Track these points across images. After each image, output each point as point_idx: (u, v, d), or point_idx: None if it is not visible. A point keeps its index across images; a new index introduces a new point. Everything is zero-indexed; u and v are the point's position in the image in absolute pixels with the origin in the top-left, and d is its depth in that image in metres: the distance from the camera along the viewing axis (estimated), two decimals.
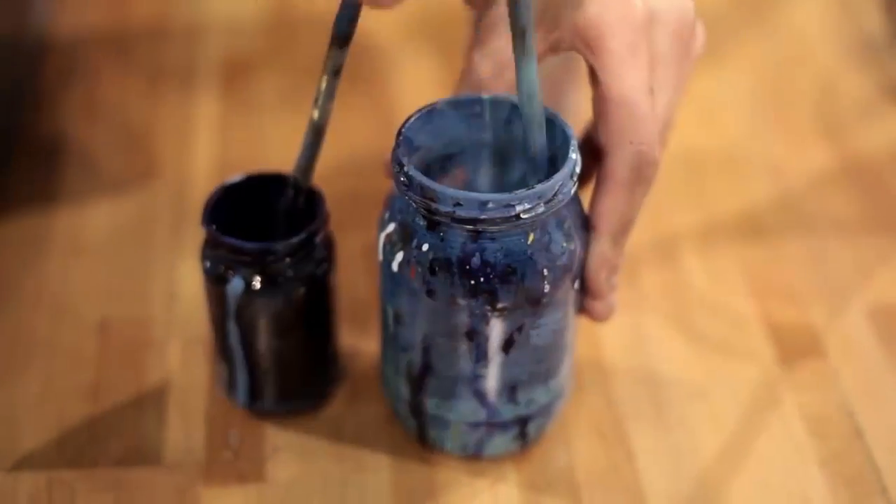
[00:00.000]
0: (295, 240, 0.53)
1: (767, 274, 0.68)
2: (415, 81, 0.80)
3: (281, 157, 0.72)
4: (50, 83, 0.79)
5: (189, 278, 0.66)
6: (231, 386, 0.58)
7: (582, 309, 0.55)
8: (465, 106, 0.53)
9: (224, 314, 0.55)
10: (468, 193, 0.48)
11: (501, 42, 0.52)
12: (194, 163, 0.74)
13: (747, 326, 0.65)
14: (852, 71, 0.81)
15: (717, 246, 0.69)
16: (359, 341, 0.62)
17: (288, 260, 0.54)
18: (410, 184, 0.49)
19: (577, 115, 0.72)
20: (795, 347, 0.64)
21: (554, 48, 0.52)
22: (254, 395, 0.58)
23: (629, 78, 0.50)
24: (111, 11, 0.85)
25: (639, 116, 0.50)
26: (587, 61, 0.52)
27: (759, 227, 0.70)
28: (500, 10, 0.52)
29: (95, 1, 0.86)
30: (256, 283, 0.54)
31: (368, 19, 0.80)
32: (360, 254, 0.67)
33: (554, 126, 0.52)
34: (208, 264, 0.55)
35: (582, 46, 0.51)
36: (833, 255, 0.69)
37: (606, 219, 0.52)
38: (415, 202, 0.50)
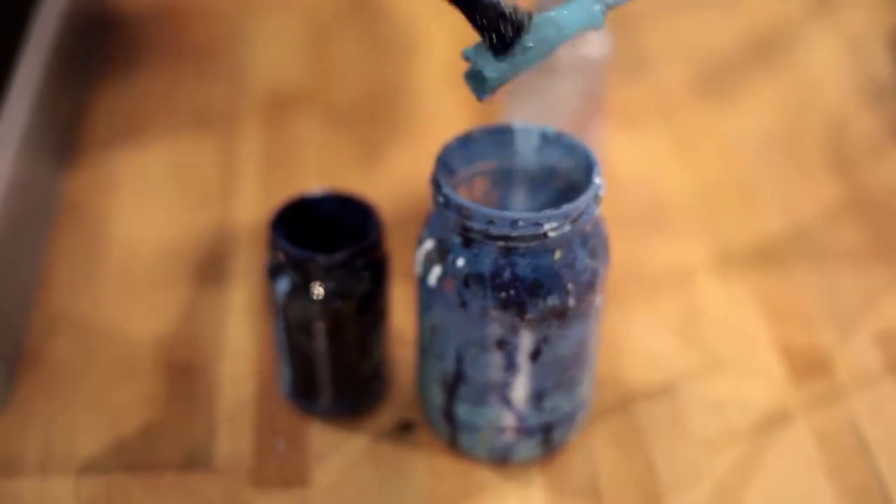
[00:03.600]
0: (338, 254, 0.58)
1: (780, 300, 0.72)
2: (448, 122, 0.84)
3: (316, 181, 0.77)
4: (102, 107, 0.84)
5: (236, 298, 0.71)
6: (280, 379, 0.63)
7: None
8: (497, 134, 0.58)
9: (275, 311, 0.60)
10: (500, 212, 0.53)
11: None
12: (239, 193, 0.78)
13: (760, 348, 0.69)
14: (861, 111, 0.85)
15: (732, 273, 0.73)
16: (399, 351, 0.67)
17: (333, 271, 0.58)
18: (448, 203, 0.54)
19: (601, 151, 0.77)
20: (806, 368, 0.68)
21: None
22: (296, 391, 0.62)
23: None
24: (160, 49, 0.90)
25: None
26: None
27: (772, 256, 0.74)
28: None
29: (146, 37, 0.91)
30: (301, 286, 0.58)
31: (414, 65, 0.85)
32: (404, 270, 0.71)
33: (579, 152, 0.56)
34: (268, 262, 0.59)
35: None
36: (842, 282, 0.73)
37: None
38: (451, 220, 0.54)
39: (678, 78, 0.88)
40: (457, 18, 0.90)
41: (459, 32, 0.89)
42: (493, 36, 0.50)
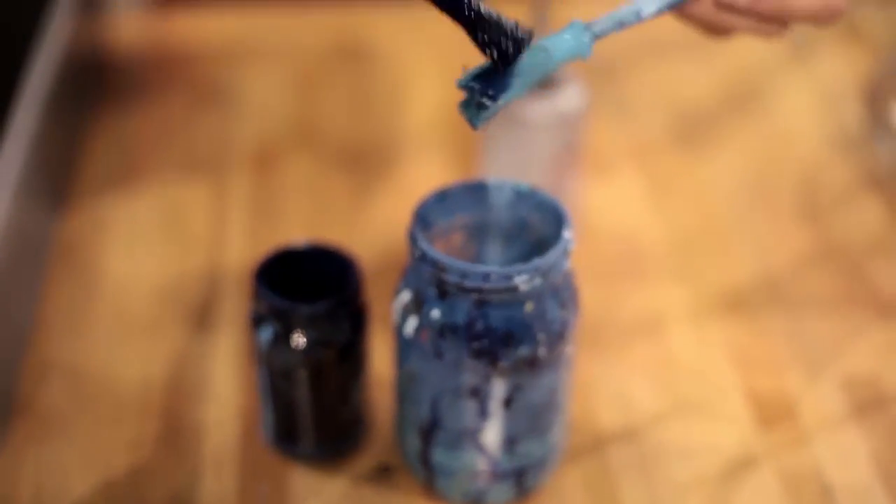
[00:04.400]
0: (319, 305, 0.60)
1: (750, 346, 0.74)
2: (431, 171, 0.87)
3: (302, 231, 0.80)
4: (94, 160, 0.86)
5: (223, 343, 0.73)
6: (263, 424, 0.65)
7: None
8: (472, 189, 0.60)
9: (259, 358, 0.62)
10: (473, 266, 0.55)
11: None
12: (228, 239, 0.81)
13: (730, 393, 0.71)
14: (833, 160, 0.88)
15: (704, 320, 0.76)
16: (378, 396, 0.69)
17: (315, 321, 0.60)
18: (424, 257, 0.56)
19: (577, 200, 0.79)
20: (773, 413, 0.70)
21: None
22: (278, 436, 0.64)
23: None
24: (152, 96, 0.93)
25: None
26: None
27: (744, 303, 0.77)
28: None
29: (139, 84, 0.93)
30: (284, 335, 0.60)
31: (400, 114, 0.88)
32: (383, 318, 0.73)
33: (549, 207, 0.59)
34: (252, 310, 0.62)
35: None
36: (811, 329, 0.75)
37: None
38: (427, 273, 0.56)
39: (655, 126, 0.91)
40: (443, 66, 0.93)
41: (445, 81, 0.92)
42: (495, 52, 0.51)
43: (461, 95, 0.54)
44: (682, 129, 0.90)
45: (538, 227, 0.60)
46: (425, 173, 0.86)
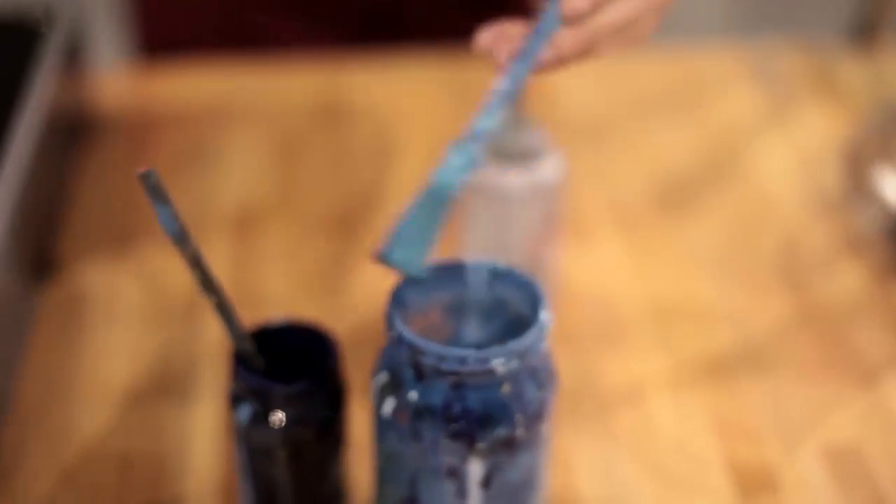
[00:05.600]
0: (296, 385, 0.60)
1: (729, 415, 0.74)
2: None
3: (281, 299, 0.80)
4: (75, 230, 0.86)
5: (203, 416, 0.73)
6: (242, 500, 0.65)
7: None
8: (449, 269, 0.60)
9: (237, 437, 0.62)
10: (450, 350, 0.55)
11: None
12: (206, 309, 0.81)
13: (709, 464, 0.71)
14: (812, 224, 0.88)
15: (683, 389, 0.76)
16: (357, 470, 0.69)
17: (293, 400, 0.60)
18: (400, 340, 0.56)
19: (556, 272, 0.79)
20: (753, 484, 0.70)
21: None
22: None
23: None
24: (132, 163, 0.93)
25: None
26: None
27: (723, 372, 0.77)
28: None
29: (119, 151, 0.94)
30: (262, 414, 0.60)
31: (378, 180, 0.88)
32: (361, 392, 0.73)
33: (526, 287, 0.59)
34: (230, 388, 0.62)
35: None
36: (790, 397, 0.75)
37: None
38: (404, 355, 0.56)
39: (634, 190, 0.91)
40: (427, 124, 0.93)
41: (429, 140, 0.93)
42: None
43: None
44: (662, 193, 0.91)
45: (516, 306, 0.61)
46: None
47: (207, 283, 0.57)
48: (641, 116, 0.98)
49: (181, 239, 0.55)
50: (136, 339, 0.78)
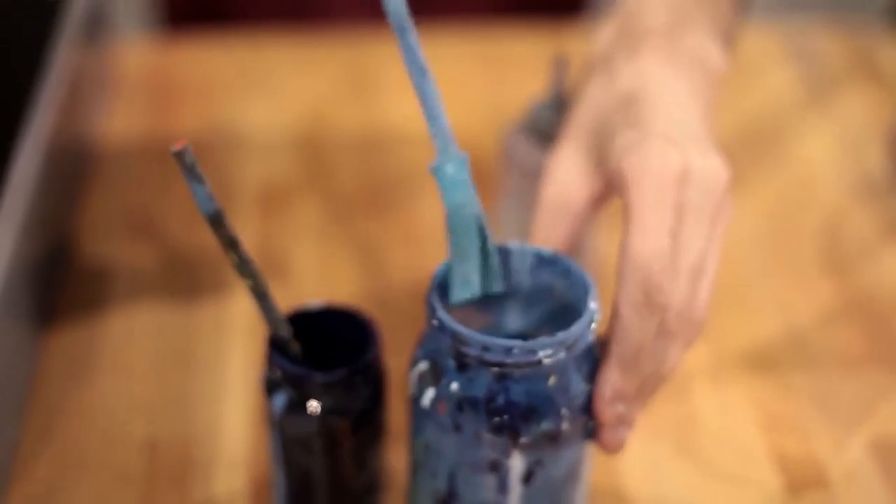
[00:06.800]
0: (336, 373, 0.58)
1: (775, 406, 0.72)
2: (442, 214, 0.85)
3: (311, 281, 0.78)
4: (97, 203, 0.84)
5: (232, 400, 0.71)
6: (276, 490, 0.63)
7: (592, 436, 0.58)
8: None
9: (272, 425, 0.60)
10: (496, 339, 0.53)
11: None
12: (234, 290, 0.78)
13: (755, 456, 0.69)
14: (856, 209, 0.86)
15: (727, 380, 0.73)
16: (394, 461, 0.67)
17: (331, 389, 0.58)
18: (442, 328, 0.54)
19: (595, 256, 0.77)
20: (800, 477, 0.68)
21: (606, 183, 0.59)
22: (292, 503, 0.62)
23: (650, 238, 0.54)
24: (155, 135, 0.91)
25: (652, 278, 0.54)
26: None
27: (768, 362, 0.75)
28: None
29: (139, 125, 0.91)
30: (298, 403, 0.58)
31: (400, 153, 0.86)
32: (396, 378, 0.71)
33: (574, 275, 0.57)
34: (266, 375, 0.59)
35: (619, 190, 0.56)
36: (837, 389, 0.73)
37: (615, 344, 0.55)
38: (446, 344, 0.54)
39: None
40: (457, 99, 0.91)
41: (460, 118, 0.90)
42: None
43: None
44: None
45: (561, 294, 0.58)
46: (439, 214, 0.83)
47: (244, 265, 0.54)
48: None
49: (217, 220, 0.52)
50: (162, 323, 0.76)
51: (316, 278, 0.79)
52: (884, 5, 1.91)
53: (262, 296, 0.56)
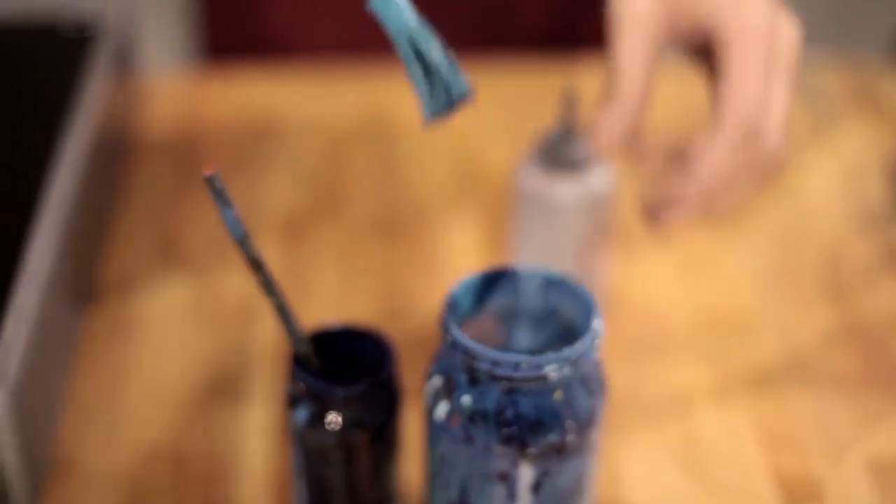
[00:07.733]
0: (355, 387, 0.61)
1: (775, 426, 0.75)
2: (459, 237, 0.88)
3: (332, 303, 0.81)
4: (126, 225, 0.88)
5: (257, 418, 0.74)
6: (296, 501, 0.66)
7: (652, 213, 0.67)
8: (502, 277, 0.61)
9: (293, 438, 0.63)
10: (504, 355, 0.56)
11: None
12: (258, 314, 0.82)
13: (755, 473, 0.72)
14: (856, 238, 0.89)
15: (730, 399, 0.76)
16: (410, 472, 0.70)
17: (350, 403, 0.61)
18: (455, 344, 0.57)
19: (604, 282, 0.80)
20: (798, 495, 0.71)
21: (678, 37, 0.66)
22: None
23: (750, 84, 0.62)
24: (179, 179, 0.95)
25: (752, 119, 0.63)
26: (712, 54, 0.65)
27: (769, 383, 0.78)
28: None
29: (166, 167, 0.95)
30: (319, 416, 0.62)
31: (416, 183, 0.89)
32: (411, 393, 0.75)
33: (579, 296, 0.60)
34: (287, 390, 0.63)
35: (714, 41, 0.64)
36: (835, 410, 0.76)
37: (698, 166, 0.64)
38: (458, 360, 0.58)
39: None
40: (473, 140, 0.94)
41: (474, 153, 0.94)
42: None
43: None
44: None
45: (568, 314, 0.62)
46: (457, 241, 0.87)
47: (268, 285, 0.58)
48: (687, 129, 0.99)
49: (244, 241, 0.56)
50: (189, 341, 0.80)
51: (335, 300, 0.82)
52: (886, 40, 1.95)
53: (285, 314, 0.60)
